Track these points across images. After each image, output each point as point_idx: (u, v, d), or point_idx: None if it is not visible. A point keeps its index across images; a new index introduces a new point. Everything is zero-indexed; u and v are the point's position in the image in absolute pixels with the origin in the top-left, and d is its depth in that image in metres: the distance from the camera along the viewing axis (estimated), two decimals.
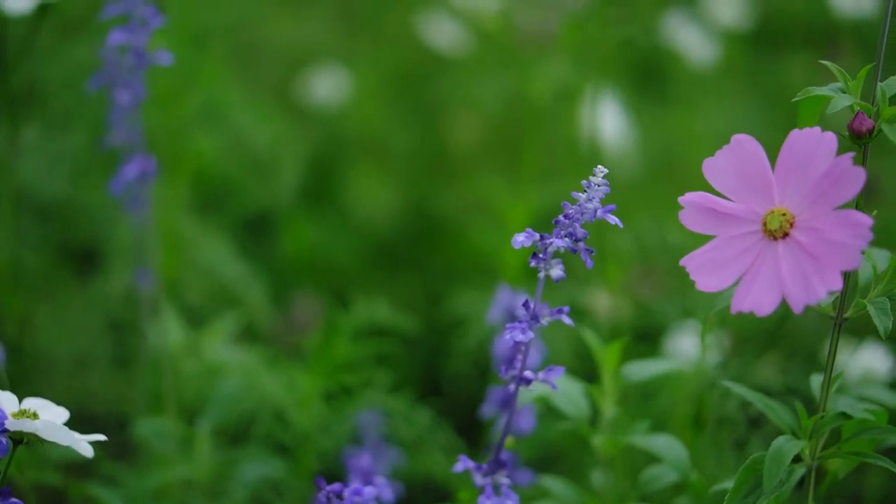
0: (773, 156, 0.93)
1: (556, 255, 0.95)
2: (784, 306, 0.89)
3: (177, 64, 1.25)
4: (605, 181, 0.95)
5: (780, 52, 2.47)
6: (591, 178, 0.95)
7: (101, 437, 0.97)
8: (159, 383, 1.40)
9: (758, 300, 0.89)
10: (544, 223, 1.76)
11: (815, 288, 0.87)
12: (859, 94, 0.97)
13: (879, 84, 0.96)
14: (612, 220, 0.94)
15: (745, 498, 0.98)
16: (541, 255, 0.95)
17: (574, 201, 0.95)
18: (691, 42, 2.31)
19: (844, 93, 0.97)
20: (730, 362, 1.32)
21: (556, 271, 0.95)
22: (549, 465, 1.57)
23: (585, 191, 0.94)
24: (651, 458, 1.20)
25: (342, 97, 2.31)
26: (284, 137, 1.83)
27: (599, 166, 0.95)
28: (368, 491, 0.98)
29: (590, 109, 2.08)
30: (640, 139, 2.19)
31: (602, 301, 1.64)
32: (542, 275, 0.95)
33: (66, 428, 0.94)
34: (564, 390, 1.14)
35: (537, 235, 0.94)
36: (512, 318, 1.26)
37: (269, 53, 2.32)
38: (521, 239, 0.94)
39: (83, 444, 0.96)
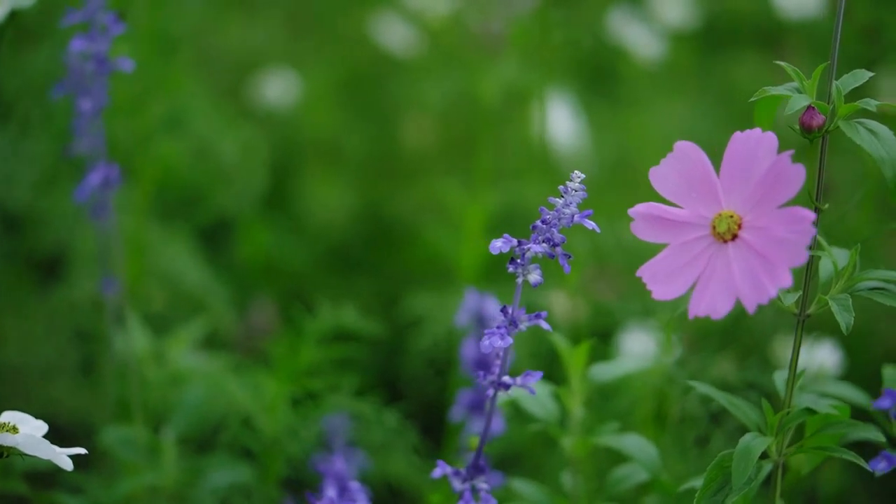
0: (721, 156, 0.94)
1: (535, 260, 0.96)
2: (739, 306, 0.91)
3: (138, 70, 1.26)
4: (581, 186, 0.96)
5: (727, 51, 2.50)
6: (567, 182, 0.95)
7: (82, 451, 0.97)
8: (125, 391, 1.40)
9: (712, 304, 0.91)
10: (501, 225, 1.78)
11: (766, 287, 0.88)
12: (815, 94, 0.98)
13: (835, 82, 0.98)
14: (590, 224, 0.96)
15: (714, 495, 0.99)
16: (518, 261, 0.96)
17: (551, 206, 0.95)
18: (640, 42, 2.33)
19: (800, 92, 0.99)
20: (688, 360, 1.34)
21: (534, 276, 0.96)
22: (511, 466, 1.58)
23: (563, 195, 0.95)
24: (617, 459, 1.21)
25: (293, 101, 2.32)
26: (248, 143, 1.83)
27: (576, 171, 0.96)
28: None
29: (541, 110, 2.10)
30: (593, 140, 2.20)
31: (560, 302, 1.65)
32: (520, 280, 0.96)
33: (48, 441, 0.94)
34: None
35: (515, 241, 0.95)
36: (479, 320, 1.27)
37: (219, 58, 2.31)
38: (499, 244, 0.95)
39: (63, 458, 0.96)
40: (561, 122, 2.17)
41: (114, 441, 1.33)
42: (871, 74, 1.00)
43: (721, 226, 0.91)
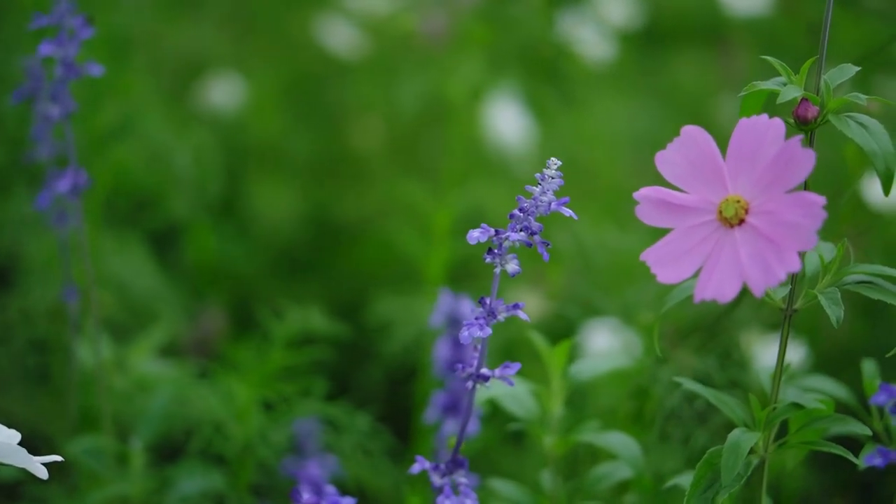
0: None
1: (512, 249, 0.95)
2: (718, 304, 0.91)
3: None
4: (558, 173, 0.95)
5: (670, 49, 2.51)
6: (544, 170, 0.95)
7: (58, 458, 0.95)
8: (88, 401, 1.38)
9: (720, 287, 0.90)
10: (462, 227, 1.77)
11: (775, 270, 0.88)
12: (803, 87, 0.98)
13: (823, 77, 0.98)
14: (567, 212, 0.95)
15: (704, 492, 0.99)
16: (496, 251, 0.95)
17: (528, 195, 0.95)
18: (585, 41, 2.33)
19: (787, 85, 0.99)
20: (669, 357, 1.33)
21: (512, 266, 0.95)
22: (476, 465, 1.57)
23: (539, 183, 0.95)
24: (594, 458, 1.21)
25: (239, 104, 2.29)
26: (200, 147, 1.81)
27: (553, 158, 0.95)
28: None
29: (490, 110, 2.09)
30: (541, 139, 2.20)
31: (529, 299, 1.65)
32: (497, 270, 0.95)
33: (24, 450, 0.92)
34: (511, 391, 1.14)
35: (493, 230, 0.94)
36: (453, 322, 1.26)
37: (163, 61, 2.29)
38: (476, 234, 0.94)
39: (39, 467, 0.94)
40: (508, 121, 2.17)
41: (81, 451, 1.30)
42: (857, 69, 1.00)
43: (728, 210, 0.91)
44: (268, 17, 2.50)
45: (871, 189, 1.71)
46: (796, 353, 1.59)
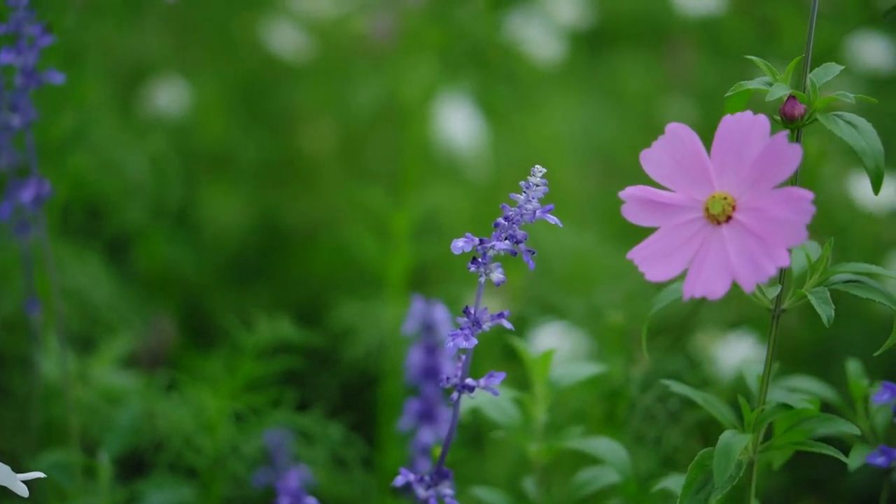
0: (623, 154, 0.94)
1: (497, 258, 0.94)
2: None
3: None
4: (543, 180, 0.94)
5: (619, 49, 2.50)
6: (529, 178, 0.94)
7: (41, 475, 0.93)
8: (51, 414, 1.35)
9: (709, 285, 0.90)
10: (420, 230, 1.76)
11: (765, 266, 0.88)
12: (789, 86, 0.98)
13: (809, 75, 0.98)
14: (552, 219, 0.94)
15: (696, 494, 0.98)
16: (480, 260, 0.93)
17: (513, 203, 0.93)
18: (534, 41, 2.33)
19: (774, 84, 0.98)
20: (639, 358, 1.32)
21: (497, 275, 0.94)
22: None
23: (523, 191, 0.93)
24: (577, 463, 1.20)
25: (185, 108, 2.26)
26: (157, 154, 1.78)
27: (537, 165, 0.94)
28: None
29: (441, 112, 2.08)
30: (493, 140, 2.19)
31: (490, 302, 1.63)
32: (482, 279, 0.94)
33: (8, 467, 0.90)
34: (491, 398, 1.13)
35: (477, 240, 0.93)
36: (427, 328, 1.24)
37: (108, 66, 2.25)
38: (460, 244, 0.93)
39: (19, 484, 0.93)
40: (460, 123, 2.16)
41: (48, 466, 1.27)
42: (841, 68, 1.00)
43: (715, 208, 0.91)
44: (211, 21, 2.47)
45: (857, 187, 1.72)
46: (753, 350, 1.59)
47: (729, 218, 0.90)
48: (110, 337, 1.50)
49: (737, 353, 1.56)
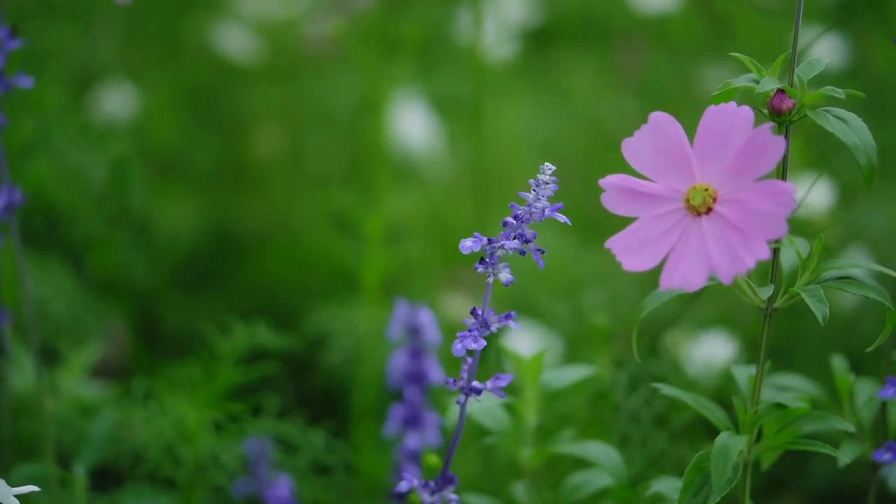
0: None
1: (504, 258, 0.93)
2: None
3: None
4: (553, 178, 0.93)
5: (569, 48, 2.50)
6: (538, 175, 0.93)
7: (35, 489, 0.92)
8: (22, 427, 1.33)
9: (686, 275, 0.89)
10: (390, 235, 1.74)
11: (743, 258, 0.87)
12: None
13: (797, 71, 0.98)
14: (561, 218, 0.93)
15: (693, 497, 0.98)
16: (487, 260, 0.93)
17: (522, 202, 0.93)
18: (486, 41, 2.31)
19: (763, 79, 0.98)
20: (627, 360, 1.32)
21: (505, 275, 0.93)
22: None
23: (533, 189, 0.93)
24: (559, 465, 1.19)
25: (134, 113, 2.23)
26: (122, 160, 1.76)
27: (547, 163, 0.94)
28: None
29: (396, 113, 2.07)
30: (449, 141, 2.18)
31: (452, 302, 1.62)
32: (490, 280, 0.93)
33: (3, 481, 0.89)
34: (481, 404, 1.12)
35: (485, 239, 0.92)
36: (413, 332, 1.23)
37: (57, 70, 2.22)
38: (469, 244, 0.92)
39: (12, 499, 0.91)
40: (414, 124, 2.14)
41: (23, 480, 1.25)
42: (827, 61, 1.00)
43: (696, 199, 0.90)
44: (159, 24, 2.44)
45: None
46: (726, 348, 1.59)
47: (709, 209, 0.90)
48: (74, 347, 1.47)
49: (709, 352, 1.56)
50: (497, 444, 1.16)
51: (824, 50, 2.20)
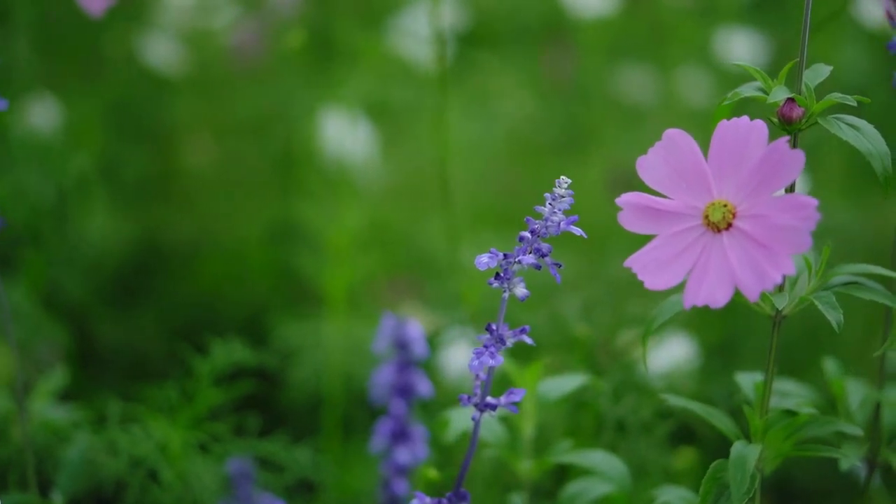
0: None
1: (520, 273, 0.92)
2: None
3: None
4: (569, 192, 0.92)
5: (498, 52, 2.49)
6: (554, 189, 0.92)
7: None
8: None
9: (711, 293, 0.89)
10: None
11: (770, 274, 0.87)
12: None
13: (804, 79, 0.98)
14: (577, 231, 0.92)
15: None
16: (502, 275, 0.91)
17: (538, 215, 0.91)
18: (414, 46, 2.30)
19: (764, 91, 0.98)
20: (612, 368, 1.32)
21: (520, 290, 0.92)
22: None
23: (548, 203, 0.91)
24: (561, 476, 1.19)
25: (57, 126, 2.18)
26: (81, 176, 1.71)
27: (563, 176, 0.92)
28: None
29: (327, 121, 2.05)
30: (383, 151, 2.16)
31: (421, 317, 1.61)
32: (506, 295, 0.92)
33: None
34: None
35: (501, 255, 0.91)
36: (401, 346, 1.21)
37: None
38: (485, 260, 0.91)
39: None
40: (347, 132, 2.12)
41: None
42: (830, 68, 1.00)
43: (715, 215, 0.90)
44: (78, 36, 2.39)
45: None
46: (683, 349, 1.59)
47: (729, 225, 0.90)
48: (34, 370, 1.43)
49: (667, 354, 1.56)
50: (492, 456, 1.14)
51: (744, 47, 2.22)
